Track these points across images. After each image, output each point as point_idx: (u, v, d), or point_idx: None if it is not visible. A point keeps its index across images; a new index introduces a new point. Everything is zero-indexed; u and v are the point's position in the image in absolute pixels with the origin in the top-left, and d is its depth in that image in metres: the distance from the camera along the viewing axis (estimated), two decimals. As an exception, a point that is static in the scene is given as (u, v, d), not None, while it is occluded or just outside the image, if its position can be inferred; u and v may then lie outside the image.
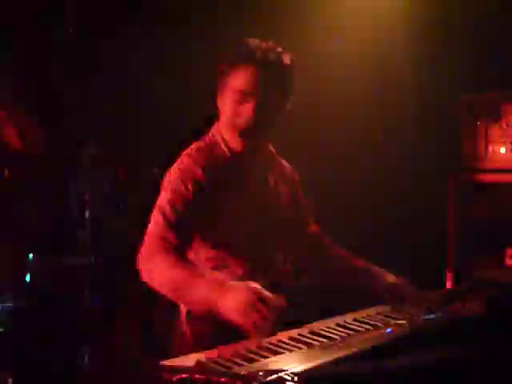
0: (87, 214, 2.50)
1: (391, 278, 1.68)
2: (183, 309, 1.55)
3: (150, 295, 1.48)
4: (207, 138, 1.64)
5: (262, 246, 1.58)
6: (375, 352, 1.06)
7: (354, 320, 1.37)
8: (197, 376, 0.92)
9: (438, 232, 2.43)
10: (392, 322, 1.34)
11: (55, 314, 2.35)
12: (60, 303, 2.38)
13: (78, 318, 2.37)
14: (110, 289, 2.48)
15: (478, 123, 2.33)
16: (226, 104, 1.56)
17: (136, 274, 1.44)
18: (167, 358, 1.04)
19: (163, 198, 1.49)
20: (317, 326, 1.29)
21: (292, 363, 0.99)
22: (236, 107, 1.52)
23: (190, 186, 1.48)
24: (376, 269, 1.72)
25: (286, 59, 1.57)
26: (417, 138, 2.56)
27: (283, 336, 1.19)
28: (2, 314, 2.16)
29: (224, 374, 0.94)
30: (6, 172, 2.37)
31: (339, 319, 1.37)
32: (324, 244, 1.82)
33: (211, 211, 1.52)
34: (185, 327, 1.54)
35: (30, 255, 2.34)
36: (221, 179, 1.54)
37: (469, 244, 2.37)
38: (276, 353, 1.08)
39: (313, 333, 1.23)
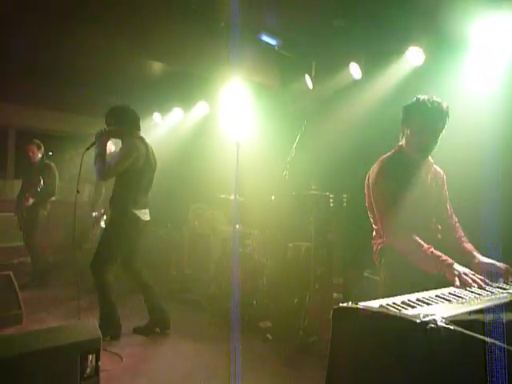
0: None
1: (487, 259, 2.48)
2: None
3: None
4: (397, 149, 2.76)
5: (424, 215, 2.65)
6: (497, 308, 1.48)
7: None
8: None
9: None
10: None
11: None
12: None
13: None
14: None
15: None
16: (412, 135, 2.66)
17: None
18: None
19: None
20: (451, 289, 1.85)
21: (440, 311, 1.42)
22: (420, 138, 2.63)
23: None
24: (477, 254, 2.56)
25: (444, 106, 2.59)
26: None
27: (430, 293, 1.69)
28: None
29: (400, 314, 1.43)
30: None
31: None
32: (453, 225, 2.82)
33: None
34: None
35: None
36: (405, 175, 2.62)
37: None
38: (427, 304, 1.57)
39: (450, 293, 1.74)
